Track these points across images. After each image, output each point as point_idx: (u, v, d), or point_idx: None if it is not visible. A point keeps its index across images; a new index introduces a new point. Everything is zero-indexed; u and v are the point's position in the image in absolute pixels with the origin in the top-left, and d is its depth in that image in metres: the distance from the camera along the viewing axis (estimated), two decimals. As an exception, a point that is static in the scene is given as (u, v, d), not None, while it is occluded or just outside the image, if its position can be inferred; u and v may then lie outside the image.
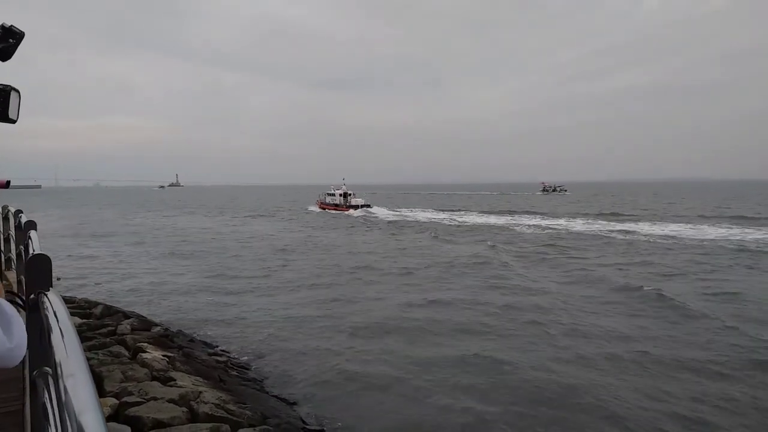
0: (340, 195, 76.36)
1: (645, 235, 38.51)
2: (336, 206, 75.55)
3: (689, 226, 44.50)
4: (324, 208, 78.19)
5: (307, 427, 9.01)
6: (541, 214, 65.48)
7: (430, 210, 77.76)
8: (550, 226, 48.49)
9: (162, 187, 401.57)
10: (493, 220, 57.60)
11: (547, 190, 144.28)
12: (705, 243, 33.77)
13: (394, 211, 74.06)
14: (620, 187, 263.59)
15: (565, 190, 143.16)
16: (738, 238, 35.83)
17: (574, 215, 61.27)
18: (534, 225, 49.54)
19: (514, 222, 53.57)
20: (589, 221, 52.76)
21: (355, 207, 72.97)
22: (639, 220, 51.92)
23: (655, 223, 47.76)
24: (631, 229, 42.39)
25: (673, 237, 37.27)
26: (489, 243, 34.30)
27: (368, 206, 74.19)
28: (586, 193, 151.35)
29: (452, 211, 75.00)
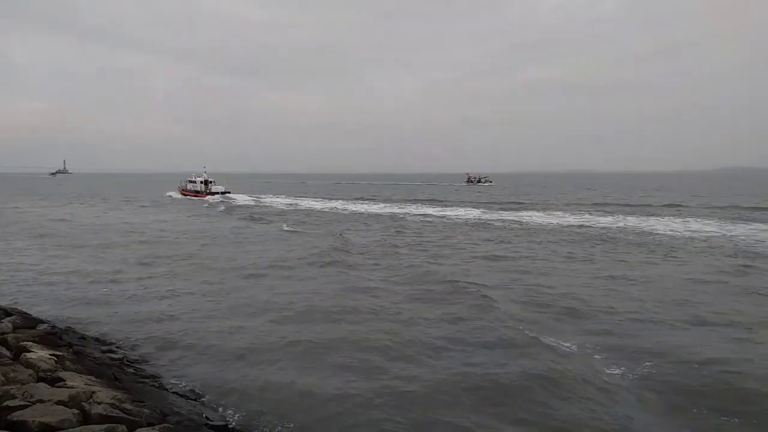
0: (201, 182, 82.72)
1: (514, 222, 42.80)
2: (196, 192, 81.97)
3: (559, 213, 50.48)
4: (185, 195, 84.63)
5: (210, 422, 8.88)
6: (441, 203, 68.97)
7: (315, 198, 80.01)
8: (431, 214, 51.81)
9: (54, 174, 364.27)
10: (378, 208, 59.81)
11: (472, 181, 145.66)
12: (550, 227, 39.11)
13: (254, 197, 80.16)
14: (543, 177, 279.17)
15: (490, 181, 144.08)
16: (579, 223, 41.26)
17: (467, 203, 65.94)
18: (420, 214, 52.06)
19: (403, 211, 55.96)
20: (474, 209, 57.05)
21: (215, 193, 79.81)
22: (524, 209, 56.76)
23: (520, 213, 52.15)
24: (508, 217, 46.77)
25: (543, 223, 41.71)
26: (337, 234, 35.16)
27: (228, 192, 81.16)
28: (508, 183, 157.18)
29: (344, 200, 77.63)
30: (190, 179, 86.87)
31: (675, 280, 20.20)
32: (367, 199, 77.89)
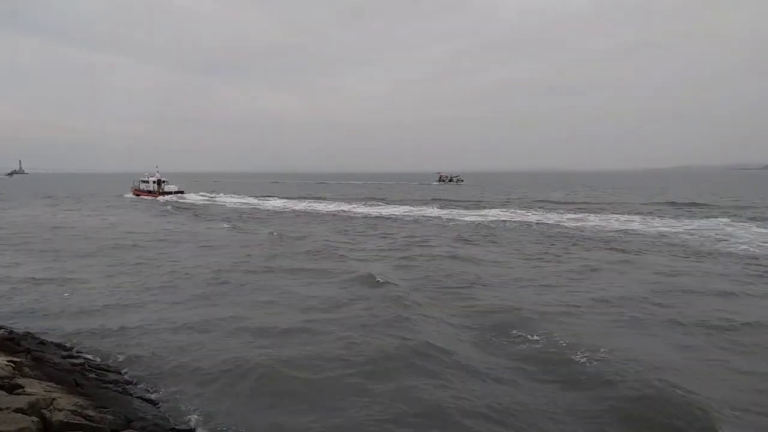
0: (154, 182, 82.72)
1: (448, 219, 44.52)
2: (149, 192, 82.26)
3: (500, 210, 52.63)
4: (138, 195, 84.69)
5: (177, 427, 8.77)
6: (399, 202, 70.54)
7: (276, 198, 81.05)
8: (376, 212, 53.13)
9: (10, 174, 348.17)
10: (334, 207, 60.82)
11: (444, 180, 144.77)
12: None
13: (207, 196, 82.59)
14: (514, 176, 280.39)
15: (462, 180, 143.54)
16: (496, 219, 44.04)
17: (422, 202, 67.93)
18: (363, 213, 53.06)
19: (348, 209, 57.32)
20: (428, 206, 59.11)
21: (168, 193, 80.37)
22: (460, 206, 59.32)
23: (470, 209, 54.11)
24: (434, 215, 49.50)
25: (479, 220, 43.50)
26: (273, 231, 35.67)
27: (181, 192, 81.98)
28: (480, 182, 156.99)
29: (302, 199, 79.07)
30: (143, 179, 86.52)
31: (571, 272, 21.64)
32: (328, 199, 78.46)
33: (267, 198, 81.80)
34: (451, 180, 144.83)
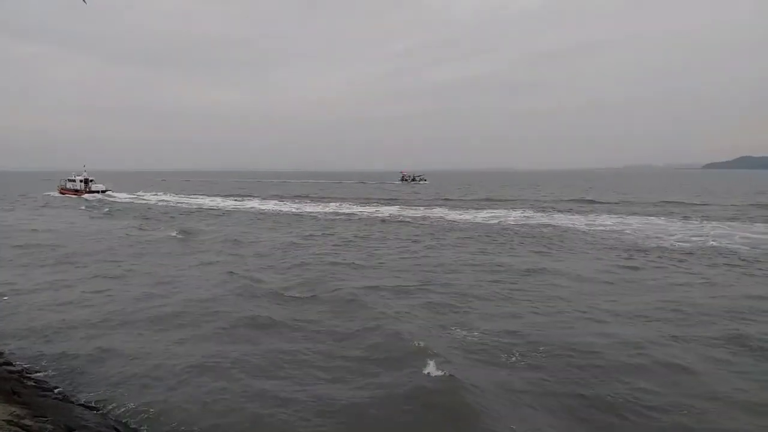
0: (81, 181, 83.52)
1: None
2: (76, 191, 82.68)
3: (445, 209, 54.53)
4: (64, 193, 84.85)
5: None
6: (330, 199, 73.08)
7: (206, 196, 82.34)
8: (298, 210, 55.01)
9: None
10: (274, 205, 62.67)
11: (407, 180, 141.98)
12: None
13: (135, 195, 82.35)
14: (480, 175, 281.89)
15: (425, 180, 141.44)
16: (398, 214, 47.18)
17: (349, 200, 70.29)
18: (285, 210, 55.14)
19: (269, 207, 59.10)
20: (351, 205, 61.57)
21: (95, 192, 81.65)
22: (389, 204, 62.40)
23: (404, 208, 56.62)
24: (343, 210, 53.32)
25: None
26: (177, 230, 36.08)
27: (109, 191, 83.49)
28: (443, 181, 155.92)
29: (232, 196, 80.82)
30: (69, 178, 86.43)
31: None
32: (259, 197, 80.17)
33: (194, 196, 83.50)
34: (414, 179, 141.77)
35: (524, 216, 45.22)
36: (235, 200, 72.34)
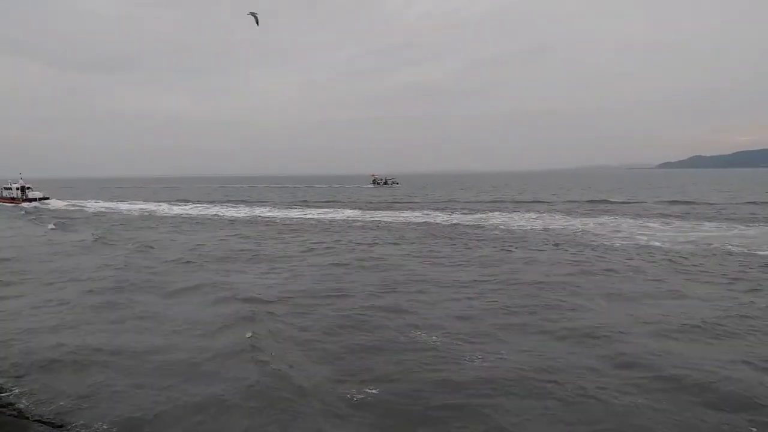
0: (18, 189, 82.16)
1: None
2: (12, 199, 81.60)
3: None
4: (1, 202, 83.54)
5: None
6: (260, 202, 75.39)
7: (130, 201, 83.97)
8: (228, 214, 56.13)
9: None
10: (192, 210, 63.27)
11: (378, 183, 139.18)
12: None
13: (73, 203, 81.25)
14: (446, 178, 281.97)
15: (396, 183, 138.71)
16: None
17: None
18: (211, 213, 57.44)
19: (197, 212, 60.53)
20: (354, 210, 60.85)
21: (32, 200, 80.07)
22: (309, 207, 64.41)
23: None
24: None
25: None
26: (95, 233, 36.55)
27: (46, 199, 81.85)
28: (416, 184, 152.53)
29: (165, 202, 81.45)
30: (5, 186, 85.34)
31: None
32: (192, 202, 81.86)
33: (133, 201, 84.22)
34: (386, 183, 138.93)
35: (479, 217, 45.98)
36: (169, 204, 75.00)
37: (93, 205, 76.54)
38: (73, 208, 69.87)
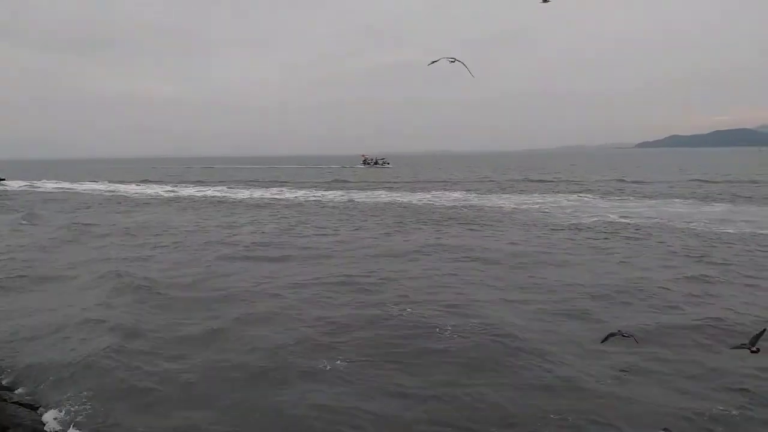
0: None
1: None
2: None
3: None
4: None
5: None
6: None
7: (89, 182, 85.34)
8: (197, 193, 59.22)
9: None
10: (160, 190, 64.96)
11: (369, 163, 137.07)
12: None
13: (30, 183, 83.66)
14: (435, 158, 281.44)
15: (388, 163, 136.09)
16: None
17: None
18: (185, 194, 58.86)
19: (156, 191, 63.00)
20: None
21: None
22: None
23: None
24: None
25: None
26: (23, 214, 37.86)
27: (2, 180, 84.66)
28: (404, 164, 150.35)
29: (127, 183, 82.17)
30: None
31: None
32: (163, 182, 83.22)
33: (93, 182, 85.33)
34: (376, 163, 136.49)
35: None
36: (137, 186, 75.84)
37: (49, 186, 77.57)
38: (28, 189, 71.45)
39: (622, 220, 31.03)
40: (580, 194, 49.13)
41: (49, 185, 79.22)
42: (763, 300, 14.81)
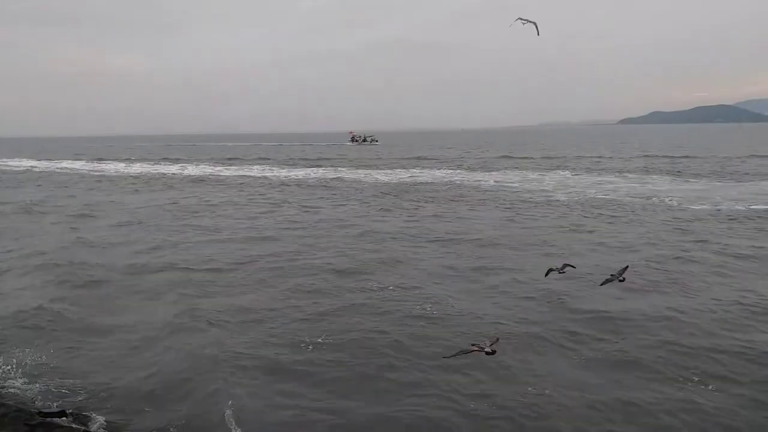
0: None
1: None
2: None
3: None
4: None
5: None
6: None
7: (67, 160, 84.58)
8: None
9: None
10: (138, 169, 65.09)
11: (357, 140, 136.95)
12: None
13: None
14: (426, 135, 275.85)
15: (376, 141, 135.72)
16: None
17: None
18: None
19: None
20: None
21: None
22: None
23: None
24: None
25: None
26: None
27: None
28: (391, 142, 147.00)
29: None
30: None
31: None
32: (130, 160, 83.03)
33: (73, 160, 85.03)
34: (365, 140, 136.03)
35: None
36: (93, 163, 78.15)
37: (11, 164, 78.61)
38: None
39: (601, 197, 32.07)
40: (560, 170, 50.44)
41: (13, 163, 79.38)
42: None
